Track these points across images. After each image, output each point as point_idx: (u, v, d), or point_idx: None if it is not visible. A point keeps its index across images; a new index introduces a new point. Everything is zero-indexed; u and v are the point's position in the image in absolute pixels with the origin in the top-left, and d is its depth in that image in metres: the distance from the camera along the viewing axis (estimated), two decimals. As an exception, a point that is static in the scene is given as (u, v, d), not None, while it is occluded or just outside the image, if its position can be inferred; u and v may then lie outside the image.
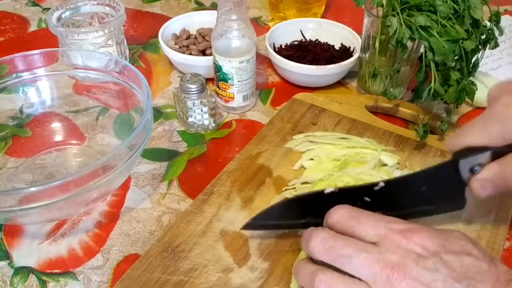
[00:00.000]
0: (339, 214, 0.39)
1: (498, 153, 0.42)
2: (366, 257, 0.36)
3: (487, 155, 0.42)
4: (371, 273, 0.35)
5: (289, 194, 0.55)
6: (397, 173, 0.57)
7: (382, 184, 0.42)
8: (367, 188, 0.41)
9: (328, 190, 0.44)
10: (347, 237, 0.37)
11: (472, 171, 0.43)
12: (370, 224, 0.37)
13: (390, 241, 0.36)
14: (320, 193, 0.44)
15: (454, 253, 0.36)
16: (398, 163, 0.58)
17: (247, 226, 0.48)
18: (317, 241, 0.37)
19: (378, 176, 0.55)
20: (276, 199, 0.54)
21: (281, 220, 0.47)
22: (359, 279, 0.36)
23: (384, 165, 0.58)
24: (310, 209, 0.45)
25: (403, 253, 0.35)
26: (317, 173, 0.56)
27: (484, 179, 0.42)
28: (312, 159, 0.59)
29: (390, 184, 0.43)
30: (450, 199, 0.45)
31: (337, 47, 0.78)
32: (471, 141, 0.43)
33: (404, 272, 0.35)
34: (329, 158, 0.58)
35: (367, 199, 0.44)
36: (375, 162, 0.57)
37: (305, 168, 0.58)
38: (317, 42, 0.79)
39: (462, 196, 0.45)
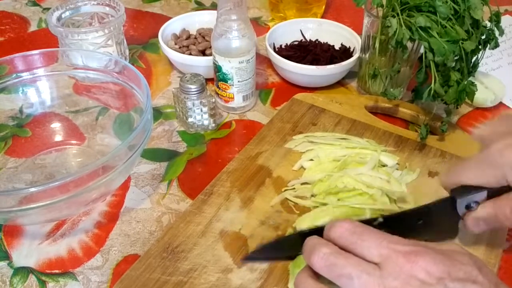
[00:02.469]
0: (342, 229, 0.37)
1: (494, 192, 0.43)
2: (367, 280, 0.34)
3: (483, 194, 0.43)
4: None
5: (289, 194, 0.55)
6: (397, 174, 0.57)
7: (381, 219, 0.42)
8: (367, 223, 0.41)
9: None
10: (349, 255, 0.36)
11: (468, 208, 0.44)
12: (373, 243, 0.36)
13: (393, 264, 0.34)
14: (320, 230, 0.44)
15: (460, 280, 0.34)
16: (398, 163, 0.58)
17: (247, 259, 0.46)
18: (319, 257, 0.36)
19: (377, 177, 0.55)
20: (276, 199, 0.54)
21: (279, 254, 0.46)
22: None
23: (384, 165, 0.58)
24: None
25: (406, 279, 0.34)
26: (316, 173, 0.57)
27: (478, 218, 0.44)
28: (311, 160, 0.59)
29: (389, 219, 0.43)
30: (445, 230, 0.47)
31: (337, 47, 0.78)
32: (466, 180, 0.44)
33: None
34: (328, 159, 0.58)
35: None
36: (374, 162, 0.57)
37: (304, 169, 0.58)
38: (317, 42, 0.79)
39: (456, 228, 0.47)
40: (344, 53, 0.76)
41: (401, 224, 0.44)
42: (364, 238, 0.36)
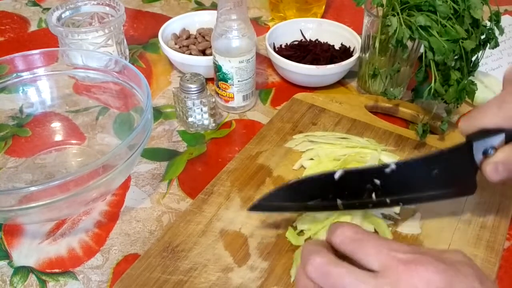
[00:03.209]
0: (343, 236, 0.36)
1: None
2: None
3: (501, 137, 0.41)
4: None
5: None
6: None
7: (393, 166, 0.41)
8: (378, 170, 0.39)
9: (338, 174, 0.43)
10: (344, 265, 0.34)
11: (486, 154, 0.42)
12: (372, 250, 0.34)
13: (392, 272, 0.33)
14: (330, 176, 0.43)
15: None
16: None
17: (253, 208, 0.47)
18: (313, 266, 0.34)
19: None
20: None
21: (288, 202, 0.45)
22: None
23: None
24: (318, 191, 0.44)
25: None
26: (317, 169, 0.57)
27: (497, 162, 0.41)
28: (312, 159, 0.59)
29: (401, 166, 0.41)
30: (462, 183, 0.44)
31: (337, 47, 0.78)
32: (485, 122, 0.42)
33: None
34: (329, 158, 0.58)
35: (377, 181, 0.43)
36: (375, 161, 0.57)
37: (305, 168, 0.58)
38: (317, 42, 0.79)
39: (473, 180, 0.44)
40: (344, 53, 0.76)
41: (414, 172, 0.42)
42: (364, 245, 0.35)
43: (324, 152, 0.59)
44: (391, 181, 0.43)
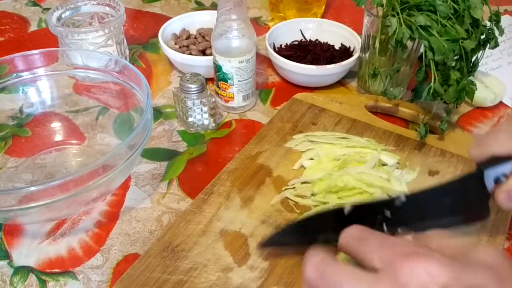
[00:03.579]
0: (347, 236, 0.35)
1: None
2: (357, 286, 0.30)
3: None
4: None
5: (289, 193, 0.55)
6: (397, 173, 0.57)
7: (403, 198, 0.40)
8: (388, 202, 0.39)
9: (347, 209, 0.42)
10: (340, 263, 0.32)
11: (497, 182, 0.41)
12: (374, 247, 0.32)
13: (392, 266, 0.30)
14: (339, 211, 0.42)
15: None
16: (398, 162, 0.58)
17: (264, 245, 0.46)
18: (311, 267, 0.33)
19: (377, 176, 0.55)
20: (276, 198, 0.54)
21: (298, 236, 0.45)
22: None
23: (384, 164, 0.58)
24: (328, 226, 0.43)
25: (402, 283, 0.29)
26: (317, 172, 0.57)
27: (509, 190, 0.41)
28: (312, 159, 0.59)
29: (412, 197, 0.41)
30: (474, 211, 0.43)
31: (337, 47, 0.78)
32: (496, 149, 0.41)
33: None
34: (329, 158, 0.58)
35: (388, 213, 0.42)
36: (375, 161, 0.57)
37: (305, 168, 0.58)
38: (317, 42, 0.79)
39: (486, 207, 0.43)
40: (344, 53, 0.76)
41: (425, 202, 0.42)
42: (367, 243, 0.33)
43: (324, 152, 0.59)
44: (401, 212, 0.42)
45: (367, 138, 0.62)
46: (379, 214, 0.42)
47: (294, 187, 0.56)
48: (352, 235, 0.34)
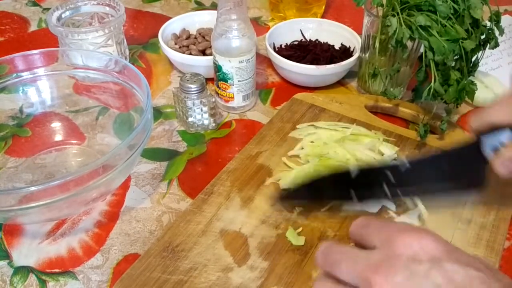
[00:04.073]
0: (354, 225, 0.36)
1: None
2: (354, 260, 0.32)
3: (510, 133, 0.42)
4: (356, 277, 0.31)
5: (285, 158, 0.58)
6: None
7: (407, 164, 0.42)
8: (392, 167, 0.41)
9: (354, 172, 0.45)
10: (342, 245, 0.34)
11: (495, 150, 0.42)
12: (376, 230, 0.34)
13: (388, 241, 0.31)
14: (347, 173, 0.45)
15: (460, 263, 0.29)
16: (396, 154, 0.59)
17: (278, 199, 0.49)
18: (319, 252, 0.35)
19: (371, 156, 0.57)
20: (270, 180, 0.56)
21: (310, 193, 0.48)
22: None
23: (382, 154, 0.59)
24: (337, 186, 0.47)
25: (394, 254, 0.30)
26: (315, 148, 0.58)
27: (506, 159, 0.42)
28: (312, 142, 0.60)
29: (414, 163, 0.43)
30: (472, 177, 0.45)
31: (337, 47, 0.78)
32: (495, 118, 0.42)
33: (386, 275, 0.29)
34: (330, 140, 0.59)
35: (391, 177, 0.44)
36: (373, 145, 0.58)
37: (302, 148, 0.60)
38: (317, 42, 0.79)
39: (483, 174, 0.44)
40: (344, 53, 0.76)
41: (426, 167, 0.44)
42: (370, 228, 0.35)
43: (326, 135, 0.60)
44: (404, 177, 0.45)
45: (375, 131, 0.63)
46: (382, 176, 0.44)
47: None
48: (357, 223, 0.36)
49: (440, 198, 0.49)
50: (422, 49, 0.59)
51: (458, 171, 0.44)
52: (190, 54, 0.75)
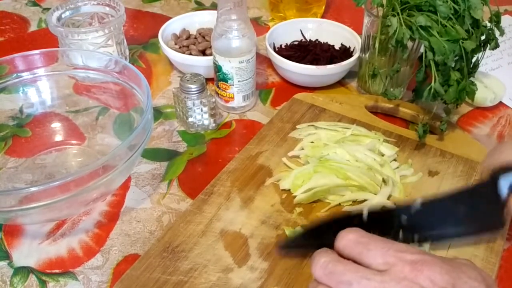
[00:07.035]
0: (346, 239, 0.36)
1: None
2: (366, 285, 0.33)
3: None
4: None
5: (285, 159, 0.58)
6: (394, 165, 0.58)
7: (418, 205, 0.41)
8: (404, 209, 0.40)
9: (365, 214, 0.43)
10: (349, 262, 0.35)
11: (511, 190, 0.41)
12: (378, 252, 0.34)
13: (397, 271, 0.33)
14: (358, 216, 0.42)
15: None
16: (396, 154, 0.59)
17: (283, 248, 0.45)
18: (318, 266, 0.35)
19: (371, 157, 0.56)
20: (270, 180, 0.56)
21: (318, 240, 0.46)
22: None
23: (382, 155, 0.59)
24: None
25: (408, 285, 0.33)
26: (315, 148, 0.58)
27: None
28: (312, 142, 0.60)
29: (426, 204, 0.41)
30: (488, 220, 0.43)
31: (337, 47, 0.78)
32: (510, 157, 0.42)
33: None
34: (330, 141, 0.59)
35: (404, 219, 0.42)
36: (373, 145, 0.58)
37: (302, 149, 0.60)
38: (317, 42, 0.79)
39: (500, 217, 0.43)
40: (344, 53, 0.76)
41: (441, 210, 0.42)
42: (370, 247, 0.35)
43: (326, 136, 0.60)
44: (416, 219, 0.42)
45: (375, 132, 0.62)
46: (395, 220, 0.42)
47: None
48: (352, 239, 0.36)
49: (454, 241, 0.48)
50: (422, 49, 0.59)
51: (473, 214, 0.43)
52: (190, 54, 0.75)
